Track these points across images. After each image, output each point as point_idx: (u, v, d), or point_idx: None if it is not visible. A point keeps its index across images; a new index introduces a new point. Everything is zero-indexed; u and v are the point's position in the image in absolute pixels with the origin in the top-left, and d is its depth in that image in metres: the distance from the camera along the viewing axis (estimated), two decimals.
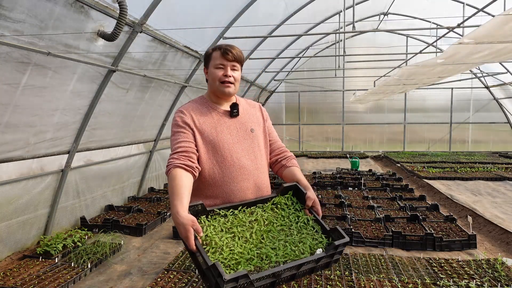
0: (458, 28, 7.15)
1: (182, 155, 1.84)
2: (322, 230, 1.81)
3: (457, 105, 14.15)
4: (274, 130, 2.20)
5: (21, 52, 3.35)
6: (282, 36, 9.66)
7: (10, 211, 4.16)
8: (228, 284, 1.43)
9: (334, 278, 3.55)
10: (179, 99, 7.11)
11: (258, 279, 1.51)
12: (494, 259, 3.98)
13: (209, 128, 1.93)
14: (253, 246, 1.69)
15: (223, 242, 1.67)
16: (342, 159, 13.24)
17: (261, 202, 1.93)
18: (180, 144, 1.88)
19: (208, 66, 1.99)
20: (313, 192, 1.90)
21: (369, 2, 9.92)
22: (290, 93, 15.33)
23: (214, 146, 1.91)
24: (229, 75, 1.92)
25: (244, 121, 2.02)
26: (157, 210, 5.93)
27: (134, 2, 3.98)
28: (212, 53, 1.96)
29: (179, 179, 1.72)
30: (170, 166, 1.80)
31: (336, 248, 1.68)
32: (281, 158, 2.10)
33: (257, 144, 2.01)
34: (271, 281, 1.57)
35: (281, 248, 1.70)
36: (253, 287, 1.51)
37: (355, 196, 7.00)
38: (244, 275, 1.45)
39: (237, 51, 1.94)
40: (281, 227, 1.82)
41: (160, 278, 3.60)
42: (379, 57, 11.86)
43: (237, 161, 1.92)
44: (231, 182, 1.90)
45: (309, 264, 1.64)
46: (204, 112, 1.98)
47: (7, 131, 3.75)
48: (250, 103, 2.16)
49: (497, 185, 8.18)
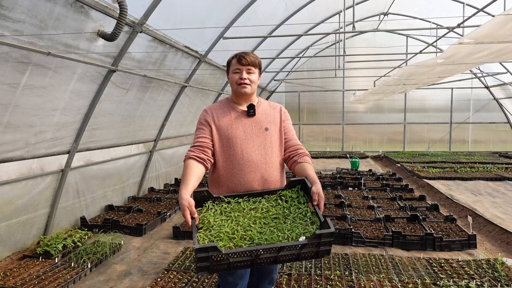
0: (458, 28, 7.15)
1: (197, 149, 2.14)
2: (319, 222, 1.85)
3: (457, 105, 14.15)
4: (292, 129, 2.37)
5: (21, 52, 3.35)
6: (282, 36, 9.66)
7: (10, 211, 4.16)
8: (201, 254, 1.60)
9: (334, 278, 3.55)
10: (179, 99, 7.11)
11: (233, 254, 1.63)
12: (494, 259, 3.98)
13: (225, 125, 2.20)
14: (240, 228, 1.86)
15: (215, 223, 1.89)
16: (342, 159, 13.24)
17: (268, 194, 2.09)
18: (198, 139, 2.18)
19: (228, 72, 2.27)
20: (319, 187, 1.95)
21: (369, 2, 9.92)
22: (290, 93, 15.33)
23: (228, 141, 2.17)
24: (244, 78, 2.18)
25: (259, 120, 2.24)
26: (157, 210, 5.93)
27: (134, 2, 3.98)
28: (231, 61, 2.25)
29: (189, 168, 2.04)
30: (186, 157, 2.11)
31: (320, 237, 1.68)
32: (294, 154, 2.25)
33: (269, 142, 2.21)
34: (249, 259, 1.66)
35: (267, 233, 1.82)
36: (229, 261, 1.64)
37: (355, 196, 7.00)
38: (213, 247, 1.59)
39: (250, 56, 2.19)
40: (276, 215, 1.95)
41: (160, 278, 3.60)
42: (379, 57, 11.86)
43: (247, 156, 2.15)
44: (239, 173, 2.14)
45: (291, 250, 1.69)
46: (224, 111, 2.26)
47: (7, 131, 3.75)
48: (272, 105, 2.38)
49: (497, 185, 8.18)
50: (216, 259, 1.62)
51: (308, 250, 1.73)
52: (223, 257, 1.62)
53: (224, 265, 1.66)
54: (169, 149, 8.14)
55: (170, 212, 5.98)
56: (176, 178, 8.51)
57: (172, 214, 6.06)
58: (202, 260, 1.61)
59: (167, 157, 8.07)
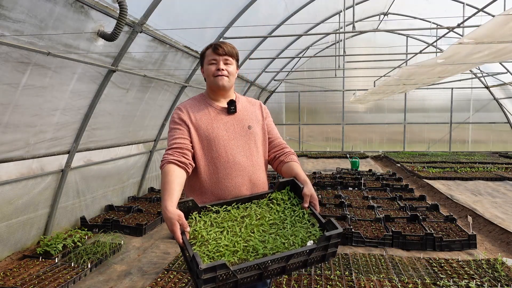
0: (458, 28, 7.15)
1: (176, 151, 1.86)
2: (319, 223, 1.74)
3: (457, 105, 14.16)
4: (274, 127, 2.19)
5: (21, 52, 3.35)
6: (282, 36, 9.66)
7: (10, 211, 4.16)
8: (207, 274, 1.41)
9: (334, 278, 3.55)
10: (179, 99, 7.11)
11: (240, 269, 1.46)
12: (494, 259, 3.98)
13: (205, 124, 1.95)
14: (240, 240, 1.66)
15: (210, 236, 1.66)
16: (342, 159, 13.24)
17: (257, 198, 1.90)
18: (175, 140, 1.91)
19: (203, 64, 2.04)
20: (310, 187, 1.83)
21: (369, 2, 9.92)
22: (290, 93, 15.33)
23: (209, 142, 1.93)
24: (222, 68, 1.95)
25: (241, 118, 2.02)
26: (157, 210, 5.93)
27: (134, 2, 3.98)
28: (205, 52, 2.02)
29: (171, 175, 1.76)
30: (164, 161, 1.83)
31: (329, 239, 1.59)
32: (280, 154, 2.07)
33: (254, 141, 2.00)
34: (257, 273, 1.52)
35: (270, 241, 1.65)
36: (237, 278, 1.47)
37: (355, 196, 7.00)
38: (222, 264, 1.42)
39: (227, 45, 1.98)
40: (273, 221, 1.78)
41: (160, 278, 3.60)
42: (379, 57, 11.86)
43: (232, 158, 1.92)
44: (225, 178, 1.91)
45: (300, 256, 1.57)
46: (201, 108, 2.01)
47: (7, 131, 3.75)
48: (251, 101, 2.16)
49: (497, 185, 8.18)
50: (222, 278, 1.44)
51: (315, 255, 1.61)
52: (230, 275, 1.45)
53: (231, 284, 1.49)
54: None
55: None
56: None
57: None
58: (208, 282, 1.43)
59: None
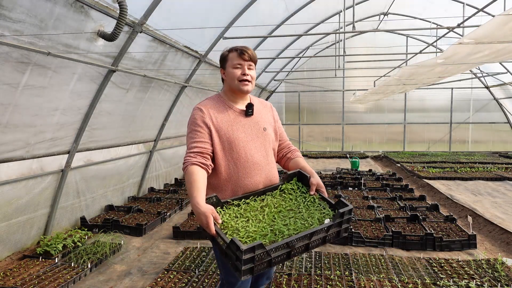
0: (458, 28, 7.15)
1: (199, 155, 2.00)
2: (329, 205, 1.96)
3: (457, 105, 14.15)
4: (283, 130, 2.40)
5: (21, 52, 3.35)
6: (282, 36, 9.66)
7: (10, 211, 4.16)
8: (247, 255, 1.54)
9: (334, 278, 3.55)
10: (179, 99, 7.11)
11: (273, 249, 1.63)
12: (494, 259, 3.98)
13: (225, 127, 2.08)
14: (266, 225, 1.86)
15: (238, 225, 1.84)
16: (342, 159, 13.24)
17: (270, 191, 2.11)
18: (197, 144, 2.03)
19: (225, 66, 2.14)
20: (317, 177, 2.05)
21: (369, 2, 9.92)
22: (290, 93, 15.32)
23: (230, 143, 2.07)
24: (247, 74, 2.08)
25: (257, 120, 2.19)
26: (157, 210, 5.93)
27: (134, 2, 3.98)
28: (228, 54, 2.12)
29: (196, 174, 1.91)
30: (187, 163, 1.97)
31: (342, 215, 1.82)
32: (286, 152, 2.33)
33: (269, 142, 2.19)
34: (286, 251, 1.69)
35: (291, 224, 1.85)
36: (270, 257, 1.63)
37: (355, 196, 7.00)
38: (259, 244, 1.58)
39: (252, 51, 2.11)
40: (290, 207, 1.99)
41: (160, 278, 3.60)
42: (379, 57, 11.85)
43: (251, 158, 2.09)
44: (245, 177, 2.07)
45: (320, 233, 1.78)
46: (221, 110, 2.12)
47: (7, 131, 3.75)
48: (263, 103, 2.33)
49: (497, 185, 8.18)
50: (258, 257, 1.59)
51: (332, 231, 1.83)
52: (265, 255, 1.61)
53: (265, 263, 1.63)
54: (169, 149, 8.14)
55: (170, 212, 5.98)
56: (176, 178, 8.51)
57: (172, 214, 6.06)
58: (247, 262, 1.56)
59: (167, 157, 8.07)
